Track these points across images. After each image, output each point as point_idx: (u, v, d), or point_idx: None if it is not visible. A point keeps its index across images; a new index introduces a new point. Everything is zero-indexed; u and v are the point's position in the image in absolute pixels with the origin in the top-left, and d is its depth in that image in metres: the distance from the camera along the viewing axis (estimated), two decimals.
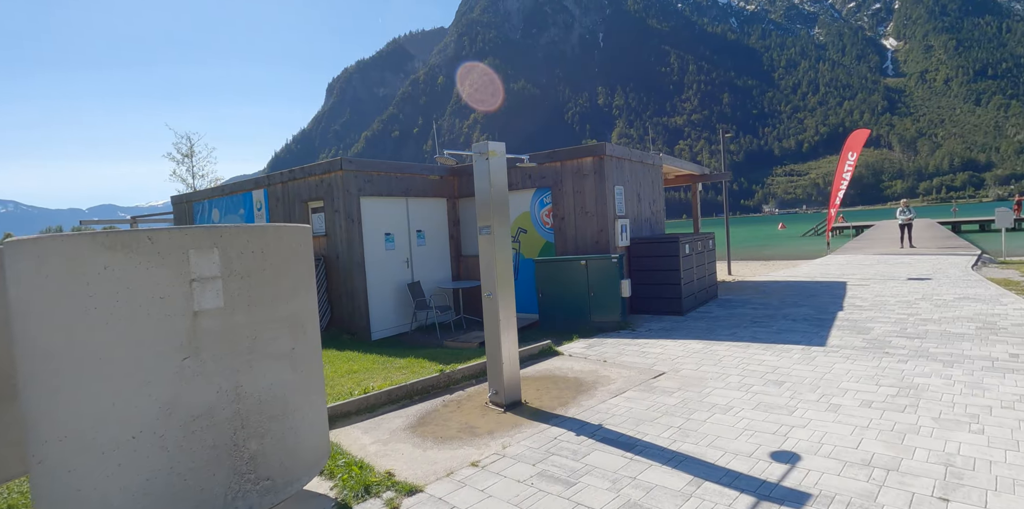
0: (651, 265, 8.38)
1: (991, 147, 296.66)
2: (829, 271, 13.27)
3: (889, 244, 20.45)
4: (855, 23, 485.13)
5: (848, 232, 40.70)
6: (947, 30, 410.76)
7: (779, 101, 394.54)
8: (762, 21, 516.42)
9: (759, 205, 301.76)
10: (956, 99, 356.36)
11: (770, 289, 10.67)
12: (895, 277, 11.42)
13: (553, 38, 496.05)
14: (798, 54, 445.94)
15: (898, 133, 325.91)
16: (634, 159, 8.91)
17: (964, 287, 9.46)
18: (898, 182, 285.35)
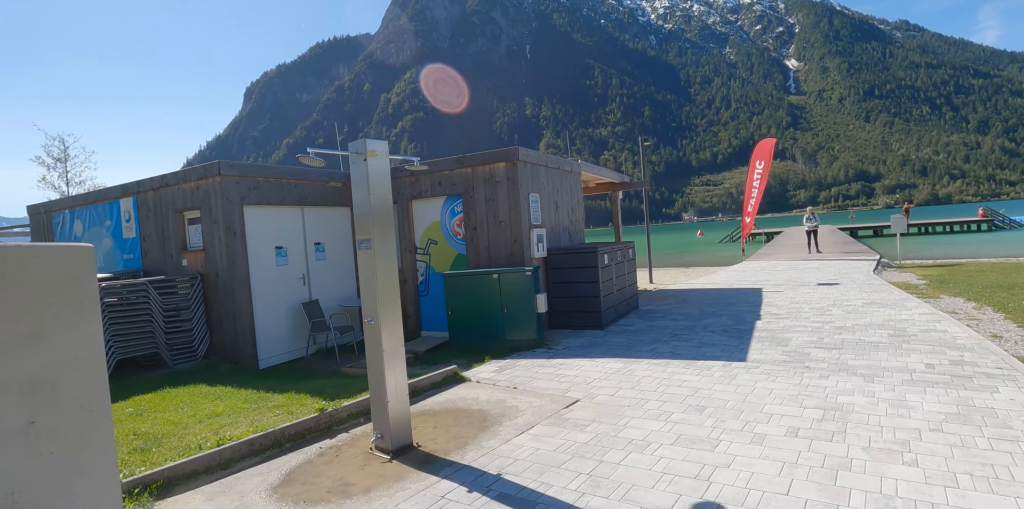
0: (569, 277, 7.92)
1: (879, 160, 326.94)
2: (745, 277, 13.46)
3: (797, 250, 21.39)
4: (761, 44, 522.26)
5: (760, 238, 42.89)
6: (840, 53, 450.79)
7: (695, 115, 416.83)
8: (679, 39, 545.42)
9: (679, 213, 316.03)
10: (849, 116, 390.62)
11: (690, 298, 10.54)
12: (806, 283, 11.65)
13: (481, 48, 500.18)
14: (712, 71, 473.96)
15: (800, 146, 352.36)
16: (550, 165, 8.47)
17: (870, 292, 9.69)
18: (802, 191, 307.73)
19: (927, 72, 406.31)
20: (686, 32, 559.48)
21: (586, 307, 7.82)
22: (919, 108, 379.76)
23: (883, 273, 13.44)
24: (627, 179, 12.92)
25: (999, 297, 8.53)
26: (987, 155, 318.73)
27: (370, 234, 3.76)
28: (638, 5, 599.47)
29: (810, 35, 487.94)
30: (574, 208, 9.39)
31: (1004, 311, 7.45)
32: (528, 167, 7.78)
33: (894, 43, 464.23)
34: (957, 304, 8.30)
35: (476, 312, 7.03)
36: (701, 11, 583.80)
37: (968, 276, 11.39)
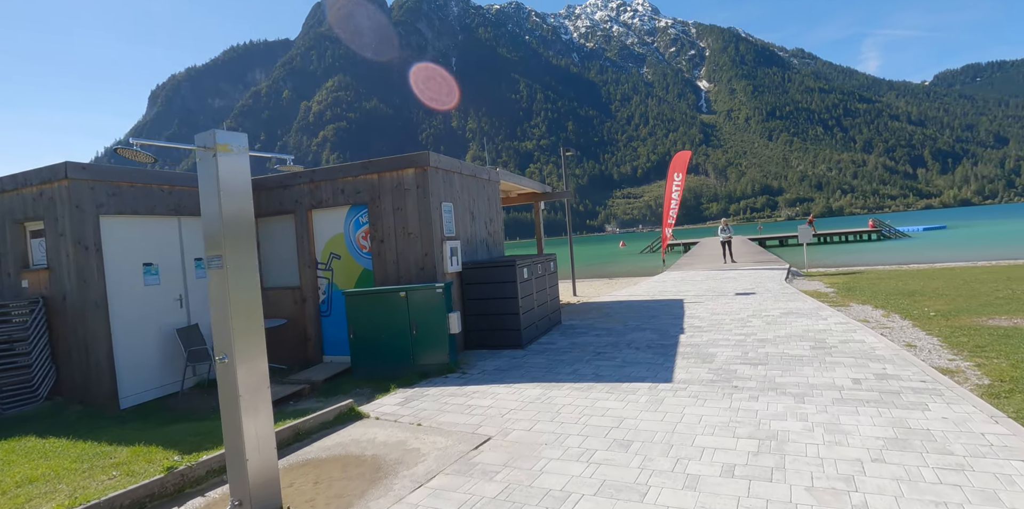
0: (486, 293, 7.34)
1: (781, 175, 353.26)
2: (666, 288, 13.46)
3: (714, 260, 22.06)
4: (676, 66, 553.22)
5: (678, 249, 44.46)
6: (746, 77, 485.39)
7: (616, 130, 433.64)
8: (600, 58, 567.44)
9: (602, 225, 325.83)
10: (755, 135, 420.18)
11: (613, 311, 10.26)
12: (724, 293, 11.74)
13: (406, 58, 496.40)
14: (631, 90, 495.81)
15: (712, 162, 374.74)
16: (465, 172, 7.89)
17: (786, 301, 9.80)
18: (714, 204, 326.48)
19: (820, 96, 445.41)
20: (607, 51, 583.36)
21: (505, 325, 7.26)
22: (814, 128, 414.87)
23: (794, 282, 13.87)
24: (549, 190, 12.59)
25: (903, 304, 8.81)
26: (872, 172, 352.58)
27: (221, 249, 2.99)
28: (561, 23, 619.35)
29: (719, 59, 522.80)
30: (492, 219, 8.85)
31: (911, 318, 7.62)
32: (440, 174, 7.16)
33: (792, 69, 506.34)
34: (867, 312, 8.47)
35: (382, 335, 6.28)
36: (620, 32, 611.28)
37: (871, 284, 11.89)
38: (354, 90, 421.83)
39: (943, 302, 8.65)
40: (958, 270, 13.76)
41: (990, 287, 9.90)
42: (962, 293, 9.42)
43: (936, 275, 12.79)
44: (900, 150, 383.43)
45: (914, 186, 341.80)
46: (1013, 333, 6.18)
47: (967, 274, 12.55)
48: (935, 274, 13.09)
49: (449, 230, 7.23)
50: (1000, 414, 3.76)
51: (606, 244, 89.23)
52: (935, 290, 10.02)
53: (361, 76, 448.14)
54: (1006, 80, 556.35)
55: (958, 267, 14.96)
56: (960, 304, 8.33)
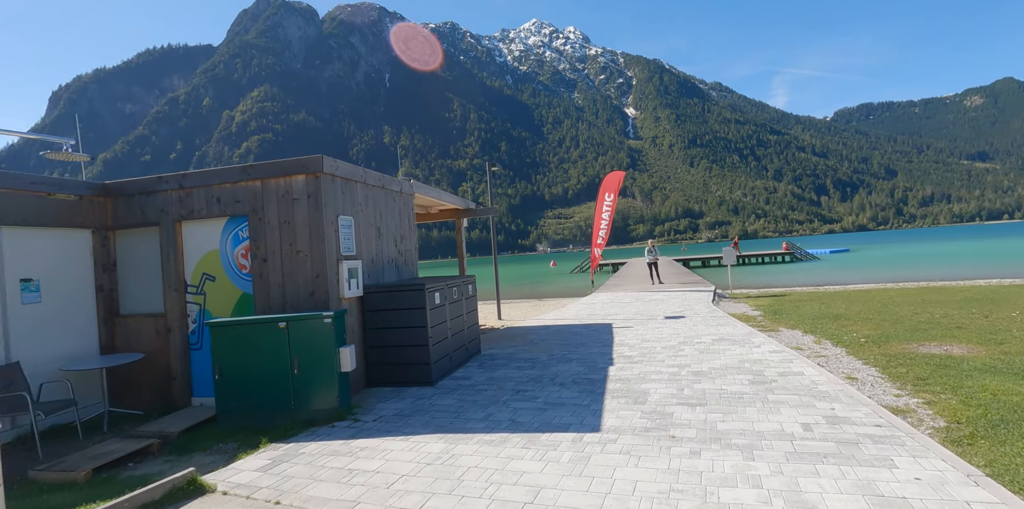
0: (391, 321, 6.35)
1: (702, 199, 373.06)
2: (595, 311, 12.92)
3: (642, 280, 21.99)
4: (605, 92, 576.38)
5: (607, 269, 44.89)
6: (669, 106, 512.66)
7: (548, 152, 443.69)
8: (533, 81, 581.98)
9: (534, 244, 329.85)
10: (677, 161, 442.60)
11: (539, 337, 9.49)
12: (654, 316, 11.29)
13: (338, 72, 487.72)
14: (562, 113, 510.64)
15: (639, 186, 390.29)
16: (371, 182, 6.92)
17: (716, 325, 9.41)
18: (640, 225, 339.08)
19: (736, 127, 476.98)
20: (539, 75, 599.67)
21: (412, 358, 6.27)
22: (731, 157, 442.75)
23: (721, 304, 13.73)
24: (473, 205, 11.78)
25: (831, 329, 8.60)
26: (782, 198, 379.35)
27: None
28: (495, 46, 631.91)
29: (645, 88, 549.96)
30: (404, 236, 7.89)
31: (843, 345, 7.32)
32: (338, 183, 6.15)
33: (711, 100, 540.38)
34: (797, 338, 8.16)
35: (255, 375, 5.13)
36: (553, 57, 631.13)
37: (795, 307, 11.84)
38: (281, 101, 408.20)
39: (870, 327, 8.49)
40: (872, 292, 14.12)
41: (908, 311, 9.98)
42: (885, 317, 9.38)
43: (854, 298, 13.00)
44: (806, 179, 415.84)
45: (819, 212, 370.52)
46: (948, 363, 5.90)
47: (882, 296, 12.83)
48: (853, 297, 13.31)
49: (348, 248, 6.20)
50: (976, 472, 3.21)
51: (537, 263, 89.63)
52: (858, 314, 9.97)
53: (290, 88, 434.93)
54: (894, 119, 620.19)
55: (871, 289, 15.43)
56: (887, 329, 8.18)
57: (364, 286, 6.46)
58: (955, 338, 7.20)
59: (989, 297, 11.38)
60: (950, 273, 23.31)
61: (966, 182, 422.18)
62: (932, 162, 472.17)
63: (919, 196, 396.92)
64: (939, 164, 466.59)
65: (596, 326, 10.40)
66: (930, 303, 10.92)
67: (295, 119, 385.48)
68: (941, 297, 11.95)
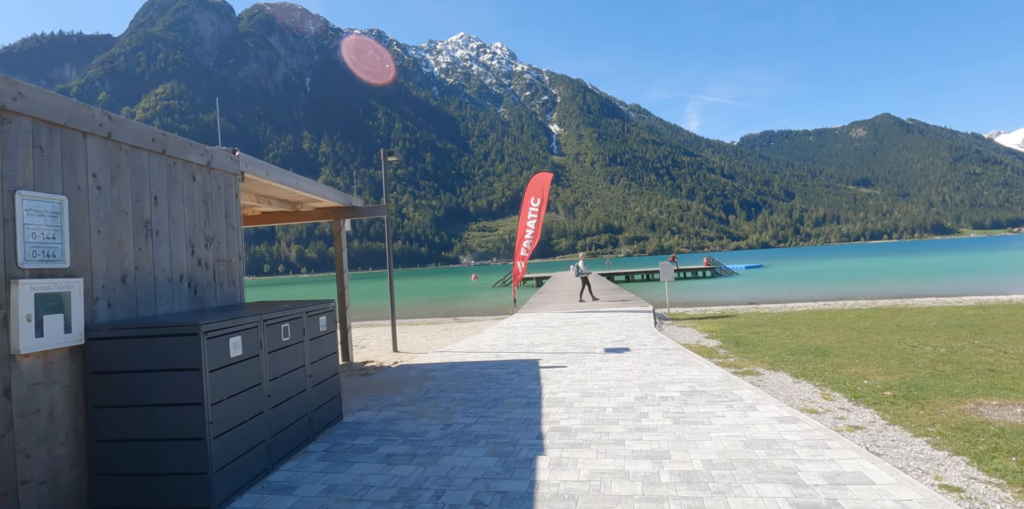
0: (141, 392, 3.38)
1: (622, 215, 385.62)
2: (517, 339, 10.33)
3: (570, 297, 19.80)
4: (530, 108, 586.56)
5: (530, 283, 42.80)
6: (591, 124, 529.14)
7: (473, 165, 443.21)
8: (459, 94, 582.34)
9: (458, 257, 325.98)
10: (599, 178, 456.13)
11: (439, 384, 6.72)
12: (590, 348, 8.86)
13: (254, 73, 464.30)
14: (488, 127, 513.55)
15: (562, 201, 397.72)
16: (129, 140, 3.94)
17: (675, 365, 7.07)
18: (563, 240, 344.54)
19: (653, 147, 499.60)
20: (466, 88, 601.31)
21: (174, 463, 3.33)
22: (648, 175, 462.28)
23: (664, 328, 11.59)
24: (357, 202, 8.92)
25: (825, 371, 6.49)
26: (694, 216, 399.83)
27: None
28: (423, 56, 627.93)
29: (569, 106, 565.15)
30: (215, 238, 4.90)
31: (865, 402, 5.13)
32: (32, 128, 3.17)
33: (630, 121, 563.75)
34: (791, 387, 5.94)
35: None
36: (480, 71, 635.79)
37: (755, 334, 9.84)
38: (190, 100, 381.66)
39: (874, 368, 6.45)
40: (826, 314, 12.53)
41: (896, 341, 8.14)
42: (879, 351, 7.43)
43: (812, 321, 11.25)
44: (716, 198, 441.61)
45: (727, 230, 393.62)
46: None
47: (842, 320, 11.17)
48: (809, 320, 11.59)
49: (40, 253, 3.19)
50: None
51: (459, 276, 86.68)
52: (842, 346, 8.00)
53: (200, 86, 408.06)
54: (792, 146, 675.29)
55: (821, 309, 13.90)
56: (902, 372, 6.14)
57: (92, 325, 3.45)
58: (1010, 389, 5.20)
59: (961, 322, 9.89)
60: (874, 290, 22.99)
61: (852, 205, 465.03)
62: (824, 186, 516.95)
63: (813, 217, 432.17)
64: (830, 188, 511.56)
65: (518, 365, 7.78)
66: (909, 330, 9.23)
67: (205, 119, 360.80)
68: (910, 322, 10.38)
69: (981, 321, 9.91)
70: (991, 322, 9.73)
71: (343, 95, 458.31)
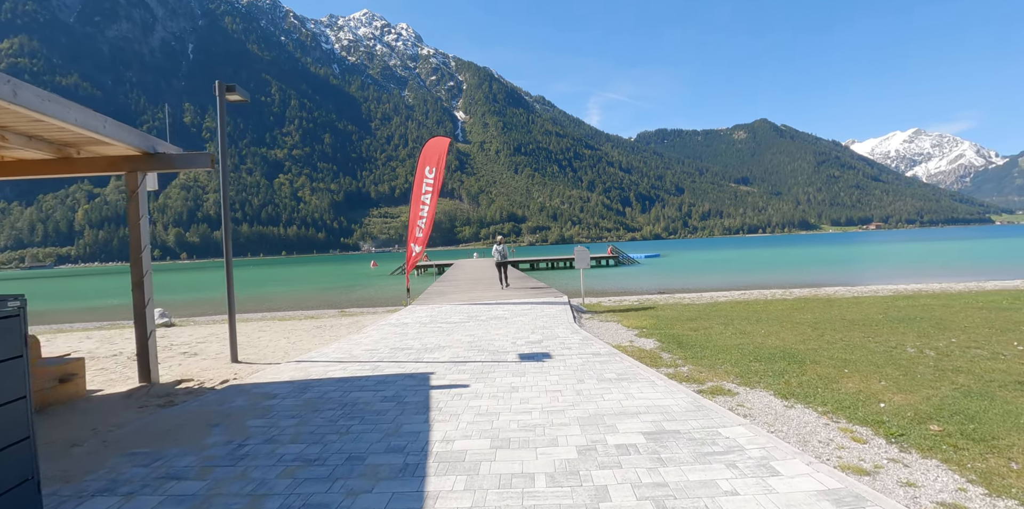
0: None
1: (525, 205, 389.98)
2: (406, 340, 8.00)
3: (473, 286, 17.71)
4: (435, 94, 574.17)
5: (431, 271, 40.21)
6: (497, 113, 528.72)
7: (376, 149, 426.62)
8: (362, 74, 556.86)
9: (357, 243, 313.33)
10: (503, 167, 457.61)
11: (266, 429, 4.26)
12: (500, 352, 6.77)
13: (125, 34, 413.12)
14: (392, 110, 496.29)
15: (466, 188, 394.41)
16: None
17: (616, 381, 5.14)
18: (467, 227, 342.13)
19: (556, 139, 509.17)
20: (369, 68, 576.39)
21: None
22: (551, 166, 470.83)
23: (586, 323, 9.78)
24: (167, 149, 6.10)
25: (809, 384, 4.84)
26: (594, 208, 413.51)
27: None
28: (322, 31, 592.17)
29: (475, 94, 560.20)
30: None
31: (916, 446, 3.43)
32: None
33: (535, 112, 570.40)
34: (783, 413, 4.19)
35: None
36: (384, 52, 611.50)
37: (693, 331, 8.23)
38: (45, 59, 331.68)
39: (876, 381, 4.88)
40: (756, 305, 11.35)
41: (861, 339, 6.80)
42: (855, 355, 5.96)
43: (745, 314, 9.92)
44: (614, 191, 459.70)
45: (624, 221, 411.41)
46: None
47: (773, 311, 9.94)
48: (740, 312, 10.27)
49: None
50: None
51: (357, 264, 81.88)
52: (809, 348, 6.49)
53: (57, 44, 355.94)
54: (683, 145, 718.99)
55: (749, 300, 12.76)
56: (919, 390, 4.59)
57: None
58: None
59: (909, 315, 8.93)
60: (771, 279, 23.09)
61: (733, 201, 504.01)
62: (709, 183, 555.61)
63: (700, 211, 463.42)
64: (714, 185, 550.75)
65: (401, 383, 5.48)
66: (862, 325, 8.02)
67: (63, 83, 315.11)
68: (852, 314, 9.31)
69: (924, 313, 9.02)
70: (934, 314, 8.85)
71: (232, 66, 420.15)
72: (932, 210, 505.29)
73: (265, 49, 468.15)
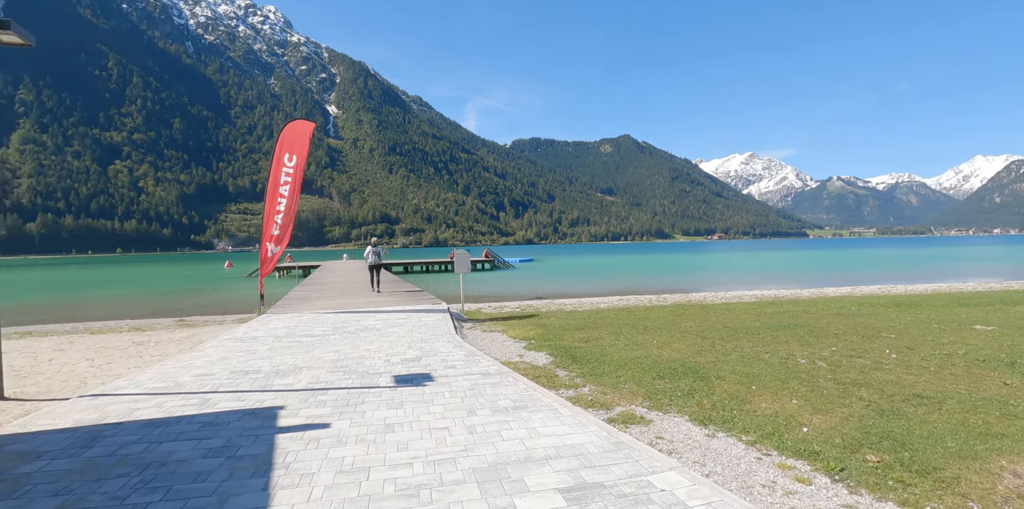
0: None
1: (399, 206, 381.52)
2: (252, 360, 6.53)
3: (340, 291, 16.05)
4: (306, 85, 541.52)
5: (295, 273, 36.91)
6: (372, 110, 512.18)
7: (235, 139, 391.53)
8: (221, 55, 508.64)
9: (211, 242, 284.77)
10: (377, 166, 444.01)
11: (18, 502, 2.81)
12: (372, 375, 5.65)
13: None
14: (255, 98, 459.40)
15: (337, 186, 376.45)
16: None
17: (514, 411, 4.31)
18: (336, 227, 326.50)
19: (433, 141, 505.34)
20: (231, 51, 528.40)
21: None
22: (427, 168, 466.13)
23: (469, 334, 8.90)
24: None
25: (723, 406, 4.40)
26: (469, 211, 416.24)
27: None
28: (174, 3, 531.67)
29: (349, 88, 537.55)
30: None
31: (865, 484, 2.99)
32: None
33: (412, 112, 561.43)
34: (706, 445, 3.63)
35: None
36: (247, 34, 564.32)
37: (584, 342, 7.70)
38: None
39: (787, 400, 4.55)
40: (636, 312, 11.25)
41: (750, 348, 6.67)
42: (755, 368, 5.70)
43: (630, 321, 9.68)
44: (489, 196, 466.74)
45: (498, 226, 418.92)
46: None
47: (656, 318, 9.83)
48: (624, 319, 10.03)
49: None
50: None
51: (210, 264, 73.98)
52: (707, 361, 6.16)
53: None
54: (554, 154, 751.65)
55: (620, 306, 12.71)
56: (832, 409, 4.29)
57: None
58: (1003, 436, 3.60)
59: (783, 322, 9.21)
60: (642, 284, 24.10)
61: (599, 210, 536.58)
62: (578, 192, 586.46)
63: (569, 218, 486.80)
64: (583, 194, 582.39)
65: (234, 426, 4.16)
66: (747, 333, 8.03)
67: None
68: (732, 321, 9.43)
69: (792, 320, 9.39)
70: (801, 320, 9.24)
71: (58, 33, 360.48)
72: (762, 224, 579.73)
73: (103, 16, 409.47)
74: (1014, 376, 5.27)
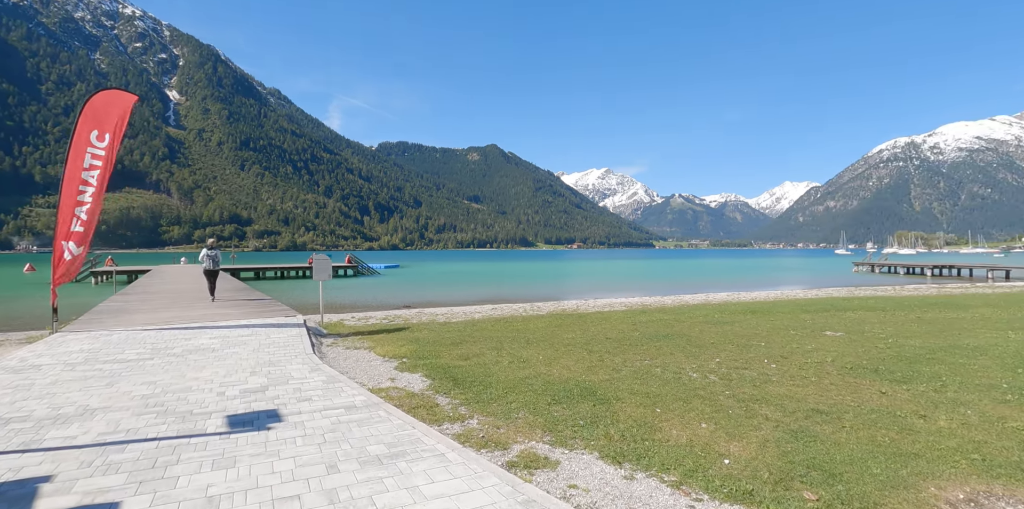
0: None
1: (251, 206, 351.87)
2: (24, 400, 4.80)
3: (171, 301, 13.58)
4: (141, 64, 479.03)
5: (119, 278, 31.52)
6: (222, 100, 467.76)
7: (46, 120, 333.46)
8: (30, 20, 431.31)
9: (9, 239, 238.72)
10: (227, 161, 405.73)
11: None
12: (196, 416, 4.35)
13: None
14: (75, 74, 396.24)
15: (176, 181, 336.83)
16: None
17: (390, 462, 3.40)
18: (176, 228, 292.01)
19: (292, 138, 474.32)
20: (42, 16, 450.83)
21: None
22: (285, 167, 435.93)
23: (329, 353, 7.66)
24: None
25: (633, 436, 3.88)
26: (331, 214, 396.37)
27: None
28: None
29: (195, 73, 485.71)
30: None
31: None
32: None
33: (269, 106, 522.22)
34: (625, 490, 3.04)
35: None
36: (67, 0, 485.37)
37: (464, 360, 6.91)
38: None
39: (696, 425, 4.13)
40: (512, 322, 10.71)
41: (640, 363, 6.36)
42: (653, 387, 5.32)
43: (509, 334, 9.09)
44: (353, 199, 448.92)
45: (362, 230, 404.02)
46: None
47: (534, 329, 9.37)
48: (502, 331, 9.42)
49: None
50: None
51: (6, 267, 61.69)
52: (600, 380, 5.68)
53: None
54: (422, 159, 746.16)
55: (494, 315, 12.11)
56: (748, 433, 3.94)
57: None
58: (916, 455, 3.44)
59: (661, 332, 9.21)
60: (519, 292, 23.99)
61: (466, 217, 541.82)
62: (445, 198, 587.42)
63: (436, 224, 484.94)
64: (450, 201, 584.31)
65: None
66: (631, 344, 7.80)
67: None
68: (611, 332, 9.24)
69: (667, 329, 9.46)
70: (676, 330, 9.34)
71: None
72: (616, 234, 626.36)
73: None
74: (883, 383, 5.47)
